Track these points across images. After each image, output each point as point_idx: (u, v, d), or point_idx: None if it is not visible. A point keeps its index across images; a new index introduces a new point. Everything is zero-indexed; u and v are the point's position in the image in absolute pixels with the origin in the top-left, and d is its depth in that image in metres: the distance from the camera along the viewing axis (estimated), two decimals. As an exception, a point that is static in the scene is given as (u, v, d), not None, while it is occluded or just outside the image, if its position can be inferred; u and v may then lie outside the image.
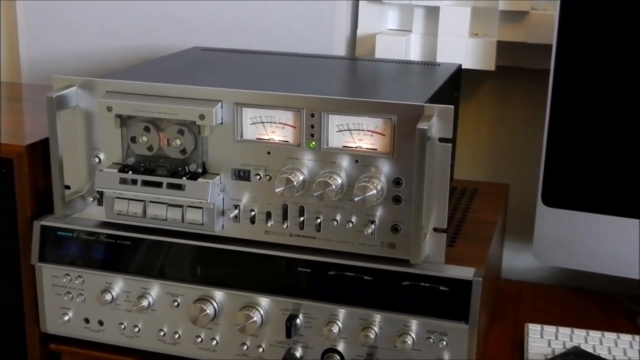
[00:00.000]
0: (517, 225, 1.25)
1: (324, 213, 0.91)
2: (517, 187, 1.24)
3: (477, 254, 0.96)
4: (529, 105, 1.26)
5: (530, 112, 1.26)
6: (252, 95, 0.91)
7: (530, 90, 1.25)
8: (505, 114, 1.28)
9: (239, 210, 0.93)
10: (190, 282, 0.96)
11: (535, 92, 1.22)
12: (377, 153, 0.88)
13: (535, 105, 1.22)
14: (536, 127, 1.17)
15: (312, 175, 0.90)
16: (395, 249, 0.90)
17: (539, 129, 1.07)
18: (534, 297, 1.20)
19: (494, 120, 1.29)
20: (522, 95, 1.26)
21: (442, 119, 0.86)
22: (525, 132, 1.27)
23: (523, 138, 1.28)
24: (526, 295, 1.21)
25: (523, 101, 1.27)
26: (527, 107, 1.26)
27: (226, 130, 0.92)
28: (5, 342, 1.06)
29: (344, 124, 0.89)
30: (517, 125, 1.28)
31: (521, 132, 1.28)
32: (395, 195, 0.88)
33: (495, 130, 1.30)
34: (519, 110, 1.27)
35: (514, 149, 1.29)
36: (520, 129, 1.28)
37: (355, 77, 1.13)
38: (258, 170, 0.92)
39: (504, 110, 1.28)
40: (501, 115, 1.29)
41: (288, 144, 0.90)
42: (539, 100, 1.15)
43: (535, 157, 1.09)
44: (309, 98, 0.89)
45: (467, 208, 1.13)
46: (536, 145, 1.10)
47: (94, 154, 0.97)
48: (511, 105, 1.28)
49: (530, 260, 1.16)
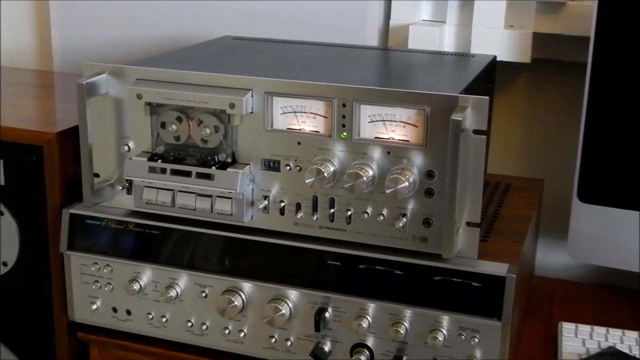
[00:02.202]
0: (551, 221, 1.22)
1: (355, 205, 0.89)
2: (551, 183, 1.22)
3: (511, 250, 0.94)
4: (565, 99, 1.23)
5: (565, 106, 1.23)
6: (283, 84, 0.89)
7: (566, 84, 1.22)
8: (540, 108, 1.26)
9: (269, 201, 0.92)
10: (219, 273, 0.95)
11: (571, 85, 1.20)
12: (410, 144, 0.86)
13: (571, 99, 1.20)
14: (572, 121, 1.15)
15: (343, 166, 0.88)
16: (427, 243, 0.88)
17: (575, 124, 1.04)
18: (567, 295, 1.17)
19: (528, 114, 1.27)
20: (557, 89, 1.24)
21: (477, 111, 0.84)
22: (561, 127, 1.25)
23: (558, 132, 1.25)
24: (560, 293, 1.18)
25: (558, 95, 1.24)
26: (562, 100, 1.24)
27: (256, 120, 0.90)
28: (34, 330, 1.06)
29: (376, 115, 0.87)
30: (552, 119, 1.25)
31: (556, 126, 1.25)
32: (427, 188, 0.87)
33: (529, 124, 1.27)
34: (554, 104, 1.25)
35: (549, 143, 1.26)
36: (555, 123, 1.25)
37: (388, 68, 1.11)
38: (288, 161, 0.90)
39: (539, 104, 1.26)
40: (535, 109, 1.26)
41: (319, 134, 0.89)
42: (575, 94, 1.13)
43: (571, 152, 1.07)
44: (340, 88, 0.87)
45: (501, 203, 1.11)
46: (571, 140, 1.08)
47: (124, 142, 0.96)
48: (546, 98, 1.25)
49: (564, 258, 1.13)
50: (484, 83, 1.04)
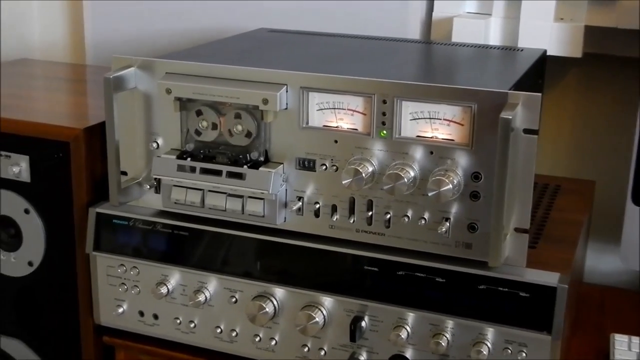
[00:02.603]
0: (602, 224, 1.17)
1: (394, 208, 0.84)
2: (603, 184, 1.17)
3: (562, 258, 0.88)
4: (617, 96, 1.19)
5: (618, 103, 1.19)
6: (320, 78, 0.85)
7: (619, 80, 1.18)
8: (591, 105, 1.21)
9: (303, 202, 0.88)
10: (249, 278, 0.91)
11: (624, 81, 1.16)
12: (454, 144, 0.81)
13: (624, 96, 1.16)
14: (625, 119, 1.13)
15: (382, 166, 0.84)
16: (471, 249, 0.83)
17: (628, 122, 1.01)
18: (619, 304, 1.12)
19: (578, 112, 1.22)
20: (610, 85, 1.19)
21: (528, 108, 0.78)
22: (613, 125, 1.20)
23: (610, 131, 1.20)
24: (610, 302, 1.12)
25: (611, 91, 1.19)
26: (615, 97, 1.19)
27: (291, 116, 0.86)
28: (59, 333, 1.03)
29: (419, 112, 0.82)
30: (604, 117, 1.21)
31: (608, 124, 1.21)
32: (473, 190, 0.81)
33: (580, 123, 1.23)
34: (605, 101, 1.20)
35: (600, 143, 1.22)
36: (606, 121, 1.21)
37: (431, 62, 1.05)
38: (324, 160, 0.86)
39: (590, 101, 1.21)
40: (586, 107, 1.22)
41: (357, 132, 0.84)
42: (628, 90, 1.12)
43: (624, 152, 1.04)
44: (380, 83, 0.83)
45: (550, 206, 1.05)
46: (625, 139, 1.05)
47: (152, 139, 0.93)
48: (598, 95, 1.21)
49: (615, 263, 1.10)
50: (533, 79, 0.98)
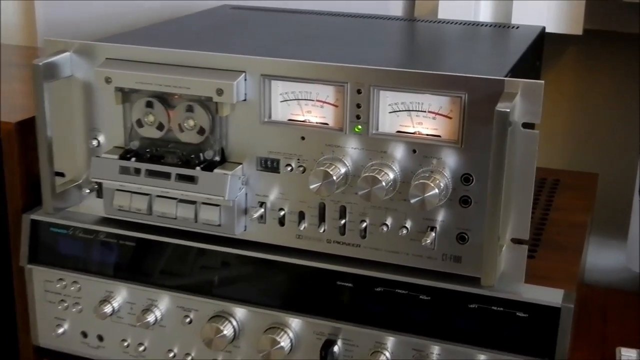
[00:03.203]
0: (604, 218, 1.10)
1: (371, 215, 0.74)
2: (605, 176, 1.10)
3: (566, 269, 0.78)
4: (622, 78, 1.11)
5: (622, 85, 1.11)
6: (284, 64, 0.73)
7: (624, 60, 1.10)
8: (592, 88, 1.14)
9: (266, 208, 0.77)
10: (206, 295, 0.81)
11: (630, 61, 1.09)
12: (441, 141, 0.71)
13: (629, 78, 1.09)
14: (631, 104, 1.07)
15: (357, 167, 0.73)
16: (460, 263, 0.73)
17: (634, 107, 0.97)
18: (624, 310, 1.03)
19: (577, 95, 1.15)
20: (613, 66, 1.12)
21: (529, 98, 0.67)
22: (617, 110, 1.12)
23: (613, 117, 1.13)
24: (614, 307, 1.03)
25: (614, 73, 1.12)
26: (619, 79, 1.11)
27: (251, 109, 0.75)
28: (-3, 353, 0.92)
29: (399, 103, 0.71)
30: (606, 101, 1.13)
31: (611, 109, 1.13)
32: (463, 195, 0.71)
33: (579, 108, 1.15)
34: (609, 83, 1.13)
35: (603, 130, 1.14)
36: (610, 105, 1.13)
37: (414, 43, 0.93)
38: (289, 160, 0.75)
39: (591, 84, 1.14)
40: (587, 90, 1.14)
41: (327, 127, 0.74)
42: (635, 71, 1.05)
43: (630, 140, 0.99)
44: (354, 69, 0.71)
45: (549, 205, 0.93)
46: (631, 127, 1.00)
47: (93, 135, 0.81)
48: (599, 77, 1.13)
49: (617, 260, 1.08)
50: (531, 61, 0.87)
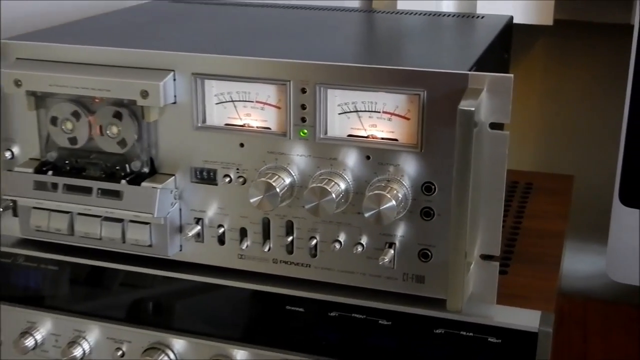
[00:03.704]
0: (580, 221, 1.02)
1: (322, 231, 0.65)
2: (581, 178, 1.02)
3: (542, 286, 0.69)
4: (598, 71, 1.05)
5: (598, 79, 1.05)
6: (218, 61, 0.64)
7: (598, 52, 1.04)
8: (565, 83, 1.07)
9: (203, 225, 0.68)
10: (139, 325, 0.72)
11: (605, 53, 1.03)
12: (398, 145, 0.62)
13: (606, 71, 1.03)
14: (607, 100, 1.01)
15: (304, 177, 0.64)
16: (424, 283, 0.64)
17: (612, 103, 0.91)
18: (604, 321, 0.96)
19: (550, 91, 1.08)
20: (587, 58, 1.05)
21: (496, 95, 0.59)
22: (592, 107, 1.06)
23: (589, 114, 1.07)
24: (594, 319, 0.96)
25: (589, 66, 1.05)
26: (594, 73, 1.05)
27: (182, 113, 0.66)
28: None
29: (350, 103, 0.63)
30: (582, 96, 1.07)
31: (586, 106, 1.07)
32: (424, 207, 0.62)
33: (552, 105, 1.08)
34: (583, 77, 1.06)
35: (577, 128, 1.08)
36: (584, 102, 1.07)
37: (369, 36, 0.84)
38: (228, 170, 0.66)
39: (564, 78, 1.07)
40: (560, 85, 1.08)
41: (269, 132, 0.65)
42: (612, 65, 0.99)
43: (607, 139, 0.94)
44: (297, 65, 0.63)
45: (521, 212, 0.85)
46: (608, 125, 0.95)
47: (6, 146, 0.72)
48: (573, 71, 1.06)
49: (595, 265, 1.04)
50: (498, 54, 0.79)
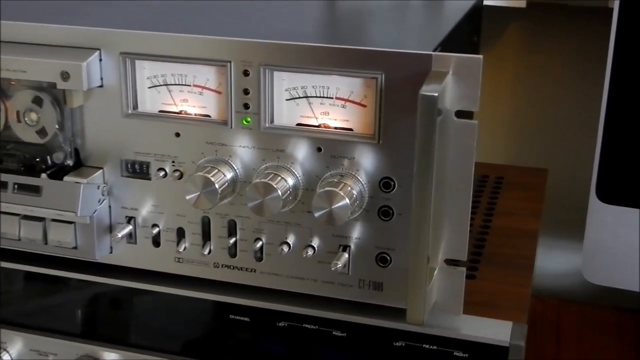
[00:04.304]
0: (553, 216, 0.97)
1: (269, 233, 0.59)
2: (555, 172, 0.97)
3: (514, 293, 0.63)
4: (573, 57, 1.01)
5: (574, 66, 1.01)
6: (150, 39, 0.57)
7: (574, 37, 1.00)
8: (539, 70, 1.04)
9: (135, 225, 0.61)
10: (66, 335, 0.65)
11: (583, 40, 0.99)
12: (354, 136, 0.55)
13: (582, 58, 0.99)
14: (583, 87, 0.97)
15: (247, 171, 0.58)
16: (382, 291, 0.58)
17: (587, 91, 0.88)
18: (579, 325, 0.91)
19: (522, 79, 1.05)
20: (562, 44, 1.01)
21: (464, 79, 0.52)
22: (567, 95, 1.02)
23: (564, 103, 1.03)
24: (568, 323, 0.91)
25: (564, 52, 1.01)
26: (570, 59, 1.01)
27: (110, 99, 0.59)
28: None
29: (299, 88, 0.56)
30: (556, 85, 1.03)
31: (561, 95, 1.03)
32: (382, 205, 0.56)
33: (524, 93, 1.05)
34: (558, 64, 1.02)
35: (551, 119, 1.03)
36: (559, 90, 1.03)
37: (321, 13, 0.76)
38: (162, 163, 0.59)
39: (537, 65, 1.03)
40: (532, 72, 1.04)
41: (209, 120, 0.58)
42: (589, 51, 0.95)
43: (582, 130, 0.90)
44: (239, 43, 0.55)
45: (491, 209, 0.79)
46: (583, 114, 0.92)
47: None
48: (547, 58, 1.03)
49: (569, 264, 1.00)
50: (467, 36, 0.72)
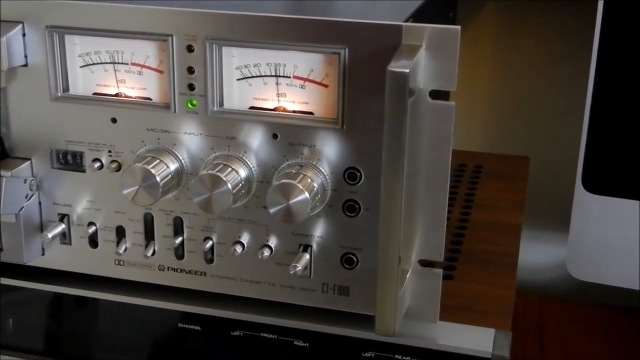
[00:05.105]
0: (535, 206, 0.93)
1: (220, 231, 0.52)
2: (538, 160, 0.92)
3: (496, 295, 0.57)
4: (556, 38, 0.96)
5: (557, 46, 0.97)
6: (80, 9, 0.51)
7: (558, 18, 0.95)
8: (519, 51, 0.99)
9: (69, 223, 0.55)
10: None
11: (568, 20, 0.94)
12: (315, 120, 0.49)
13: (567, 40, 0.95)
14: (567, 68, 0.93)
15: (194, 162, 0.51)
16: (348, 296, 0.52)
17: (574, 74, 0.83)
18: (563, 324, 0.87)
19: (499, 62, 1.00)
20: (545, 26, 0.97)
21: (439, 54, 0.46)
22: (551, 77, 0.98)
23: (547, 86, 0.98)
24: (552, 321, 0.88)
25: (547, 34, 0.97)
26: (552, 39, 0.97)
27: (36, 80, 0.52)
28: None
29: (252, 66, 0.49)
30: (538, 66, 0.98)
31: (542, 79, 0.98)
32: (348, 200, 0.49)
33: (504, 75, 1.01)
34: (540, 44, 0.98)
35: (533, 103, 0.99)
36: (541, 72, 0.98)
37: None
38: (98, 153, 0.53)
39: (518, 45, 0.99)
40: (513, 53, 1.00)
41: (150, 103, 0.51)
42: (573, 32, 0.91)
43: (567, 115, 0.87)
44: (181, 14, 0.49)
45: (469, 200, 0.73)
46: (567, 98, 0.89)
47: None
48: (528, 37, 0.98)
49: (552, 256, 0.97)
50: (442, 10, 0.66)
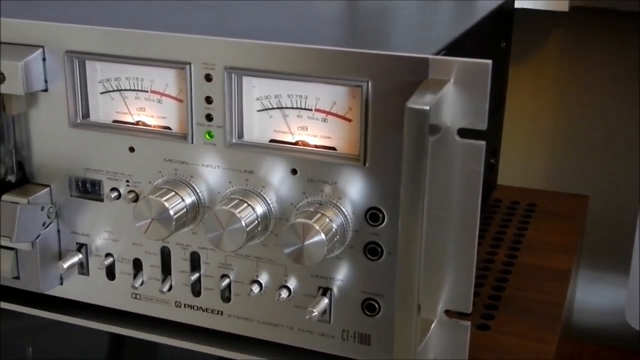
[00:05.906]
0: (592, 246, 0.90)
1: (237, 269, 0.50)
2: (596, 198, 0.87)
3: (534, 349, 0.52)
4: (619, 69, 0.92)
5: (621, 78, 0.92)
6: (100, 36, 0.49)
7: (622, 46, 0.91)
8: (582, 82, 0.95)
9: (87, 253, 0.53)
10: None
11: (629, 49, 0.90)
12: (337, 156, 0.46)
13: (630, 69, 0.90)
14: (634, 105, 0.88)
15: (211, 194, 0.49)
16: (369, 345, 0.49)
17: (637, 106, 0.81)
18: None
19: (562, 92, 0.96)
20: (608, 54, 0.93)
21: (469, 90, 0.43)
22: (614, 111, 0.93)
23: (610, 120, 0.94)
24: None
25: (610, 63, 0.93)
26: (616, 71, 0.92)
27: (56, 105, 0.51)
28: None
29: (273, 97, 0.47)
30: (602, 99, 0.94)
31: (608, 110, 0.94)
32: (370, 242, 0.46)
33: (564, 109, 0.96)
34: (604, 76, 0.94)
35: (596, 139, 0.95)
36: (606, 105, 0.94)
37: (317, 12, 0.66)
38: (116, 182, 0.51)
39: (580, 76, 0.95)
40: (574, 84, 0.95)
41: (168, 133, 0.49)
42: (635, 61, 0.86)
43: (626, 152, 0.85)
44: (200, 41, 0.47)
45: (518, 241, 0.68)
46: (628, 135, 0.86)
47: None
48: (591, 68, 0.94)
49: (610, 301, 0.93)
50: (491, 40, 0.62)
